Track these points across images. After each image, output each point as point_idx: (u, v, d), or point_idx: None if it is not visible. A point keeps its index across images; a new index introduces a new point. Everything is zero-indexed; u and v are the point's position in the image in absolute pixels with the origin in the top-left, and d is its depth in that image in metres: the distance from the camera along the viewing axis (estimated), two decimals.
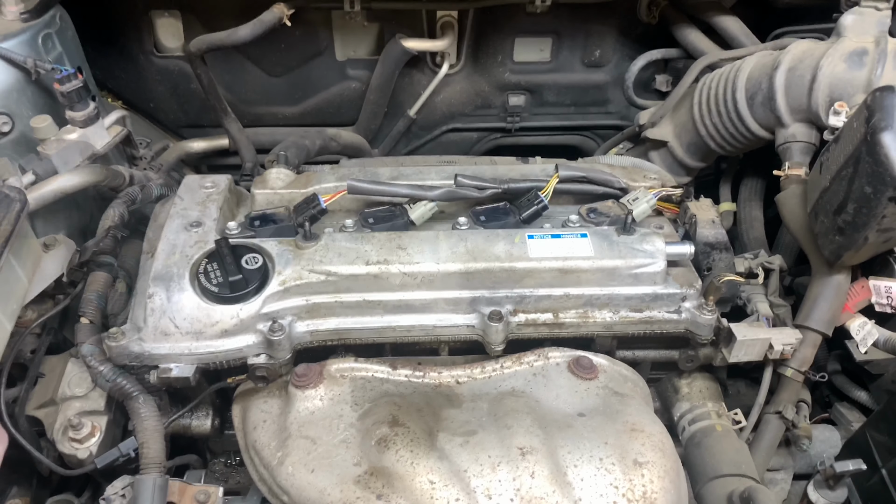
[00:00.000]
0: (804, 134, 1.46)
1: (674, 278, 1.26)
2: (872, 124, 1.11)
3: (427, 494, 0.99)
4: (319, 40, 1.88)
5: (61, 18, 1.48)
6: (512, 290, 1.22)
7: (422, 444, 1.05)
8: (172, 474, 1.15)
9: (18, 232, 1.07)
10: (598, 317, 1.24)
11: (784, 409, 1.34)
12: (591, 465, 1.02)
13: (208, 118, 1.91)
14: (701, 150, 1.70)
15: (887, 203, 1.12)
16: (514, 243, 1.23)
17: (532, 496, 0.99)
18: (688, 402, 1.39)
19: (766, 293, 1.40)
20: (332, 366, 1.21)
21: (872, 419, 1.35)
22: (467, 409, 1.15)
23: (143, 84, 1.91)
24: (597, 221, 1.33)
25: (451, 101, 2.03)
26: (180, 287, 1.15)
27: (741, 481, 1.23)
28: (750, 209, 1.74)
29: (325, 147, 1.79)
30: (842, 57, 1.39)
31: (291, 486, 1.06)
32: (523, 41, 1.94)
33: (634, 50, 1.97)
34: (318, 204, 1.26)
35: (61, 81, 1.27)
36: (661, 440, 1.10)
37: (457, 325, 1.22)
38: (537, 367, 1.23)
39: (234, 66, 1.90)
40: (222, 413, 1.34)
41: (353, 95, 1.97)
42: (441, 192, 1.31)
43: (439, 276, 1.20)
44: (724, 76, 1.59)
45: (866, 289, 1.33)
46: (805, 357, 1.35)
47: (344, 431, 1.11)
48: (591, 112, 2.10)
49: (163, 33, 1.86)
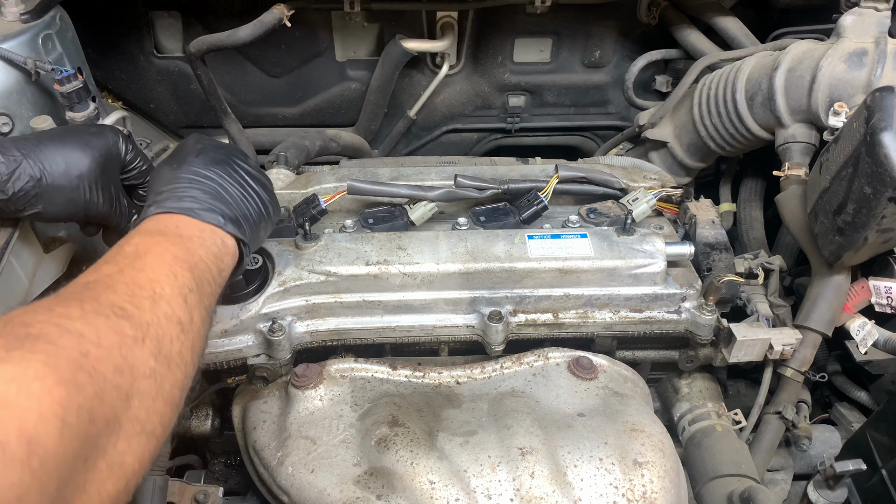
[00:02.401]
0: (804, 134, 1.46)
1: (674, 278, 1.26)
2: (872, 124, 1.11)
3: (427, 494, 0.99)
4: (319, 41, 1.88)
5: (61, 19, 1.48)
6: (512, 290, 1.22)
7: (422, 444, 1.05)
8: (172, 475, 1.15)
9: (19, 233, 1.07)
10: (598, 317, 1.24)
11: (784, 409, 1.34)
12: (590, 465, 1.02)
13: (208, 119, 1.91)
14: (701, 150, 1.70)
15: (887, 203, 1.12)
16: (513, 243, 1.23)
17: (532, 496, 0.99)
18: (688, 403, 1.39)
19: (766, 293, 1.41)
20: (331, 366, 1.21)
21: (872, 419, 1.35)
22: (467, 409, 1.15)
23: (143, 85, 1.91)
24: (597, 222, 1.33)
25: (451, 102, 2.03)
26: None
27: (741, 481, 1.23)
28: (750, 209, 1.74)
29: (325, 148, 1.79)
30: (841, 57, 1.39)
31: (291, 486, 1.06)
32: (523, 42, 1.94)
33: (634, 51, 1.97)
34: (318, 204, 1.27)
35: (61, 82, 1.27)
36: (661, 440, 1.10)
37: (457, 326, 1.22)
38: (537, 367, 1.23)
39: (234, 66, 1.90)
40: (222, 413, 1.34)
41: (353, 96, 1.97)
42: (441, 193, 1.31)
43: (439, 277, 1.20)
44: (723, 77, 1.59)
45: (866, 289, 1.33)
46: (805, 357, 1.35)
47: (344, 432, 1.11)
48: (591, 113, 2.10)
49: (163, 34, 1.86)
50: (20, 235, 1.07)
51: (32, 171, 0.94)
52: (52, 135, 1.01)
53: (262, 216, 0.99)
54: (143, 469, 0.67)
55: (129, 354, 0.67)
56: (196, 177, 0.93)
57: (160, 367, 0.70)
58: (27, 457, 0.52)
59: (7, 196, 0.93)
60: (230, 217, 0.92)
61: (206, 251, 0.87)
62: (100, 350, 0.64)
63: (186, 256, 0.82)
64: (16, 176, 0.92)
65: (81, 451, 0.58)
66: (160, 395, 0.70)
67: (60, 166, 0.96)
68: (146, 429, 0.67)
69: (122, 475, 0.64)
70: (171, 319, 0.74)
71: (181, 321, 0.76)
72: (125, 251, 0.80)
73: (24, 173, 0.93)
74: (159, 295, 0.75)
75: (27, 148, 0.95)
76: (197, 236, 0.87)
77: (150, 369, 0.69)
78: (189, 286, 0.79)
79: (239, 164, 0.99)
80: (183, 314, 0.76)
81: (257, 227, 0.98)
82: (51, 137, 0.99)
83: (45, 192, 0.95)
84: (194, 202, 0.90)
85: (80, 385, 0.59)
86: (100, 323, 0.66)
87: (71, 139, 0.99)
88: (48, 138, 0.98)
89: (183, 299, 0.77)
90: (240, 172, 0.98)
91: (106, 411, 0.62)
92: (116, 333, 0.67)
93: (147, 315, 0.72)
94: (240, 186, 0.96)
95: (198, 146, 0.99)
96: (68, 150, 0.97)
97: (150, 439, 0.68)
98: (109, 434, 0.62)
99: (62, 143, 0.98)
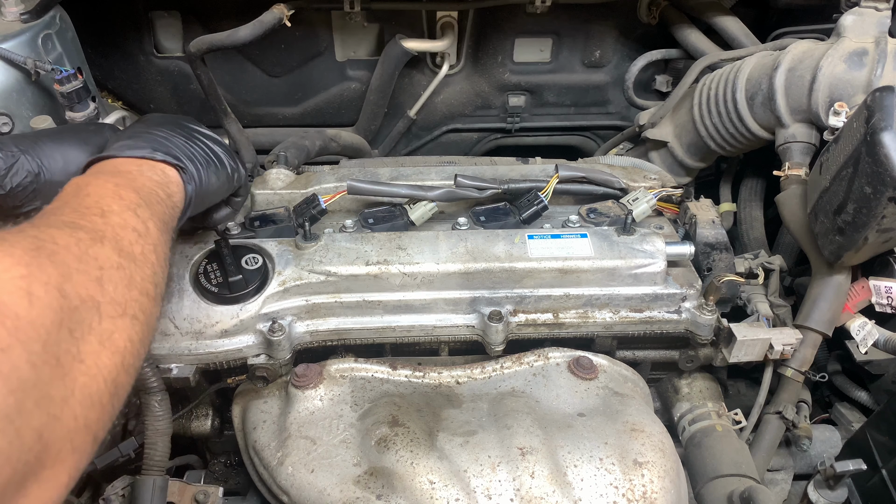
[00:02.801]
0: (804, 134, 1.46)
1: (674, 278, 1.26)
2: (872, 124, 1.11)
3: (427, 494, 0.99)
4: (319, 41, 1.88)
5: (61, 19, 1.48)
6: (512, 290, 1.22)
7: (422, 444, 1.05)
8: (172, 474, 1.15)
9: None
10: (598, 317, 1.24)
11: (784, 409, 1.33)
12: (590, 465, 1.02)
13: (208, 119, 1.89)
14: (701, 150, 1.70)
15: (887, 203, 1.12)
16: (514, 243, 1.23)
17: (532, 496, 0.99)
18: (688, 403, 1.39)
19: (767, 293, 1.41)
20: (331, 366, 1.21)
21: (873, 419, 1.35)
22: (467, 409, 1.15)
23: (143, 85, 1.91)
24: (597, 222, 1.33)
25: (451, 102, 2.03)
26: (180, 287, 1.16)
27: (741, 481, 1.23)
28: (750, 209, 1.74)
29: (325, 147, 1.79)
30: (842, 57, 1.39)
31: (291, 486, 1.06)
32: (523, 41, 1.94)
33: (634, 50, 1.97)
34: (318, 204, 1.27)
35: (61, 82, 1.27)
36: (661, 440, 1.10)
37: (457, 326, 1.22)
38: (537, 367, 1.23)
39: (234, 66, 1.90)
40: (222, 413, 1.34)
41: (353, 96, 1.97)
42: (441, 193, 1.31)
43: (439, 277, 1.20)
44: (724, 76, 1.59)
45: (866, 289, 1.33)
46: (805, 357, 1.35)
47: (344, 432, 1.11)
48: (591, 112, 2.10)
49: (163, 34, 1.86)
50: None
51: (30, 166, 0.94)
52: (50, 132, 1.02)
53: (209, 160, 1.01)
54: (134, 349, 0.71)
55: (89, 250, 0.70)
56: (137, 131, 0.97)
57: (125, 262, 0.74)
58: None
59: (5, 191, 0.93)
60: (163, 149, 0.94)
61: (148, 179, 0.89)
62: (56, 246, 0.67)
63: (129, 183, 0.86)
64: (14, 171, 0.93)
65: (62, 322, 0.61)
66: (133, 285, 0.73)
67: (59, 162, 0.97)
68: (127, 312, 0.71)
69: (116, 350, 0.68)
70: (125, 227, 0.77)
71: (136, 229, 0.79)
72: (65, 191, 0.83)
73: (23, 168, 0.94)
74: (108, 210, 0.78)
75: (25, 144, 0.96)
76: (135, 170, 0.90)
77: (115, 262, 0.72)
78: (137, 202, 0.82)
79: (188, 124, 1.02)
80: (137, 224, 0.79)
81: (204, 169, 1.00)
82: (49, 135, 1.01)
83: (43, 188, 0.96)
84: (129, 146, 0.93)
85: (42, 265, 0.62)
86: (55, 232, 0.69)
87: (69, 136, 1.01)
88: (46, 135, 1.00)
89: (133, 213, 0.80)
90: (187, 128, 1.01)
91: (78, 289, 0.65)
92: (72, 237, 0.70)
93: (99, 224, 0.75)
94: (186, 137, 0.99)
95: (147, 117, 1.04)
96: (66, 147, 0.99)
97: (133, 323, 0.71)
98: (89, 310, 0.66)
99: (60, 140, 0.99)
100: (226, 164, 1.05)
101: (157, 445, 1.10)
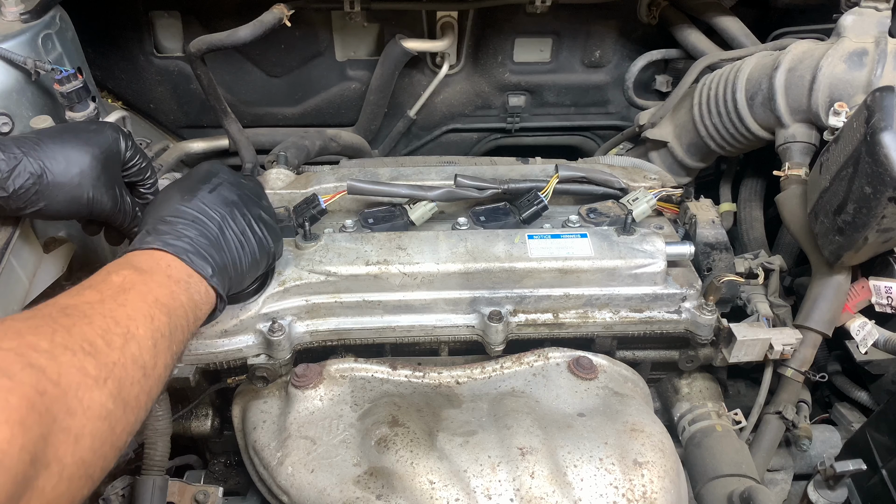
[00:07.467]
0: (804, 134, 1.46)
1: (674, 278, 1.26)
2: (872, 124, 1.11)
3: (427, 494, 0.99)
4: (319, 41, 1.88)
5: (61, 19, 1.48)
6: (512, 290, 1.22)
7: (422, 444, 1.05)
8: (172, 474, 1.15)
9: (20, 232, 1.07)
10: (598, 317, 1.24)
11: (784, 409, 1.33)
12: (590, 465, 1.02)
13: (208, 119, 1.91)
14: (701, 150, 1.70)
15: (887, 203, 1.12)
16: (513, 243, 1.23)
17: (532, 496, 0.99)
18: (688, 403, 1.39)
19: (766, 293, 1.41)
20: (331, 366, 1.21)
21: (872, 419, 1.35)
22: (467, 409, 1.15)
23: (143, 85, 1.91)
24: (597, 221, 1.33)
25: (451, 102, 2.03)
26: None
27: (741, 481, 1.23)
28: (750, 209, 1.74)
29: (325, 147, 1.79)
30: (842, 57, 1.39)
31: (291, 486, 1.06)
32: (523, 41, 1.94)
33: (634, 50, 1.97)
34: (318, 204, 1.27)
35: (61, 82, 1.27)
36: (661, 440, 1.10)
37: (457, 326, 1.22)
38: (537, 367, 1.23)
39: (234, 66, 1.90)
40: (222, 413, 1.34)
41: (353, 96, 1.97)
42: (441, 193, 1.31)
43: (439, 277, 1.20)
44: (724, 76, 1.59)
45: (866, 289, 1.33)
46: (805, 357, 1.35)
47: (344, 432, 1.11)
48: (591, 112, 2.10)
49: (163, 34, 1.86)
50: (20, 235, 1.07)
51: (33, 168, 0.94)
52: (51, 132, 1.01)
53: (254, 265, 1.01)
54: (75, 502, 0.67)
55: (87, 396, 0.67)
56: (201, 215, 0.94)
57: (116, 410, 0.71)
58: None
59: (7, 193, 0.93)
60: (219, 267, 0.93)
61: (188, 298, 0.88)
62: (57, 389, 0.64)
63: (168, 301, 0.84)
64: (16, 173, 0.92)
65: (15, 492, 0.58)
66: (109, 439, 0.70)
67: (61, 164, 0.96)
68: (88, 472, 0.67)
69: None
70: (136, 362, 0.75)
71: (146, 366, 0.76)
72: (112, 280, 0.81)
73: (25, 170, 0.93)
74: (132, 335, 0.76)
75: (27, 146, 0.95)
76: (184, 281, 0.88)
77: (106, 411, 0.69)
78: (162, 331, 0.80)
79: (249, 208, 1.00)
80: (149, 359, 0.77)
81: (243, 276, 1.00)
82: (50, 135, 0.99)
83: (46, 190, 0.95)
84: (191, 245, 0.91)
85: (28, 427, 0.59)
86: (65, 360, 0.66)
87: (70, 136, 0.99)
88: (48, 136, 0.99)
89: (153, 343, 0.78)
90: (247, 216, 0.99)
91: (48, 453, 0.62)
92: (79, 372, 0.67)
93: (115, 354, 0.72)
94: (241, 233, 0.98)
95: (214, 181, 1.00)
96: (68, 148, 0.98)
97: (86, 482, 0.68)
98: (50, 476, 0.62)
99: (62, 140, 0.98)
100: (268, 258, 1.05)
101: (157, 445, 1.10)
